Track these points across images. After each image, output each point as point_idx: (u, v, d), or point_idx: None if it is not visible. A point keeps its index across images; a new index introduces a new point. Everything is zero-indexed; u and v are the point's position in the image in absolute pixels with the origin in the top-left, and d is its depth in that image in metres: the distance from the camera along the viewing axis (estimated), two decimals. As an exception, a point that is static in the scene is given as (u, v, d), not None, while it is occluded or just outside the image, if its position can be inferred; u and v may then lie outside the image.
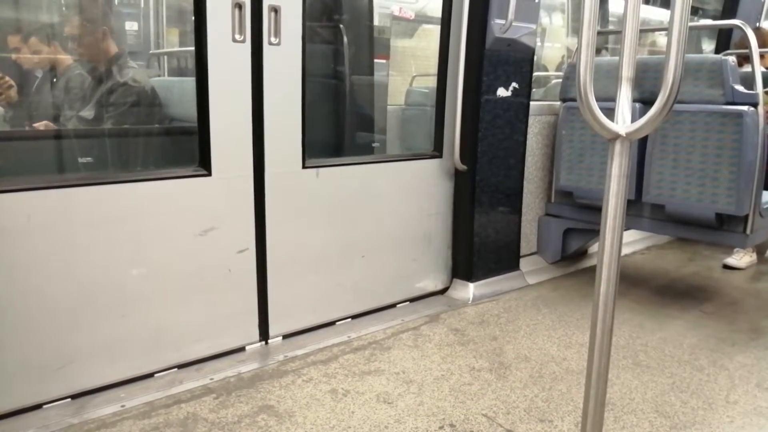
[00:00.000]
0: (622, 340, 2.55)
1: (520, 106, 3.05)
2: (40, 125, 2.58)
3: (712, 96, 2.71)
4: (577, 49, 3.42)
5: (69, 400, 1.93)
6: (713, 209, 2.71)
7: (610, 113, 1.29)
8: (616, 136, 1.28)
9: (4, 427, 1.78)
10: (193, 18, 2.07)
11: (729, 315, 2.89)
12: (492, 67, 2.86)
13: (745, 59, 3.63)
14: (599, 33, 1.73)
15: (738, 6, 5.29)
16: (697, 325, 2.74)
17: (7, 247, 1.77)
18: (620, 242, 1.32)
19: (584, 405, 1.42)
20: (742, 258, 3.70)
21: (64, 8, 2.74)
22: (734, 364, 2.35)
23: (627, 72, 1.29)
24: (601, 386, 1.39)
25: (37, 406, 1.87)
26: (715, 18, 5.71)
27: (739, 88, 2.66)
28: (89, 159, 2.35)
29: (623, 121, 1.29)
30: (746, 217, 2.70)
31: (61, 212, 1.85)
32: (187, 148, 2.26)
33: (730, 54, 3.29)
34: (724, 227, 2.79)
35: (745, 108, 2.60)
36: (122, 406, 1.91)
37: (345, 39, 3.04)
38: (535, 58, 3.08)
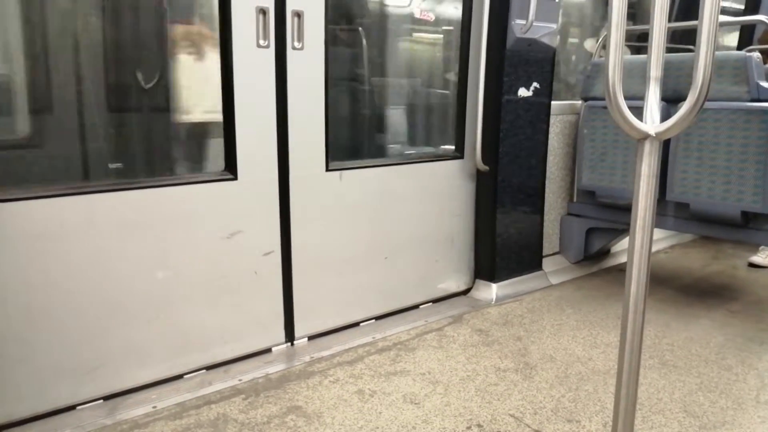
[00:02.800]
0: (648, 339, 2.53)
1: (541, 105, 3.04)
2: None
3: (736, 93, 2.68)
4: (598, 47, 3.41)
5: (101, 401, 1.97)
6: (739, 207, 2.69)
7: (633, 112, 1.29)
8: (646, 136, 1.28)
9: (41, 427, 1.82)
10: (218, 24, 2.10)
11: (756, 314, 2.86)
12: (513, 68, 2.86)
13: (769, 55, 3.58)
14: (627, 30, 1.73)
15: (761, 1, 5.22)
16: (724, 324, 2.71)
17: (43, 253, 1.81)
18: (650, 242, 1.32)
19: (615, 405, 1.41)
20: (767, 256, 3.66)
21: None
22: (763, 363, 2.33)
23: (655, 71, 1.29)
24: (632, 386, 1.39)
25: (71, 408, 1.91)
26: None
27: (765, 84, 2.63)
28: None
29: (652, 121, 1.29)
30: (773, 214, 2.67)
31: (91, 218, 1.88)
32: None
33: (754, 50, 3.25)
34: (750, 225, 2.76)
35: (770, 105, 2.57)
36: (154, 407, 1.95)
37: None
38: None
